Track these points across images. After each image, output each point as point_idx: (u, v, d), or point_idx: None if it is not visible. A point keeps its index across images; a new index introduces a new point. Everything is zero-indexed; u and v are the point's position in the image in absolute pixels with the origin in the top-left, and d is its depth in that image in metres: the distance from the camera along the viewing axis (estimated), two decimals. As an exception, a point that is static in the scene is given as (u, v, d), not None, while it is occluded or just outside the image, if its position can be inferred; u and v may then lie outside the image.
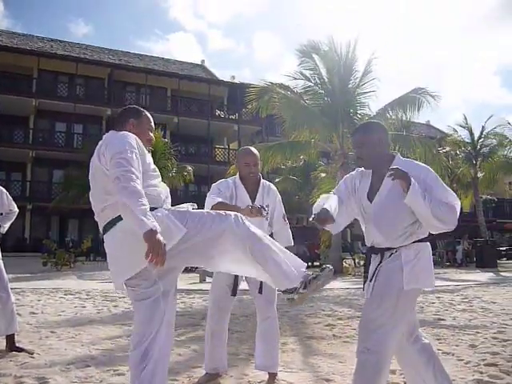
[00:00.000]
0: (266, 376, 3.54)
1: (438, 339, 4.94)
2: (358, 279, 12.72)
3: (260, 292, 3.49)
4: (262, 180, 3.67)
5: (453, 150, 25.57)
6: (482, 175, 24.99)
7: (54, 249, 18.86)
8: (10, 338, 4.38)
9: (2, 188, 4.63)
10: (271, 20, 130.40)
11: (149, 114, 2.77)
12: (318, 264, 19.16)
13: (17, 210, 4.72)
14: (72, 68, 30.23)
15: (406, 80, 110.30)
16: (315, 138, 16.61)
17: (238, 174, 3.65)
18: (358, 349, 2.43)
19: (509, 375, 3.61)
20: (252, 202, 3.50)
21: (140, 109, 2.77)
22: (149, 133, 2.72)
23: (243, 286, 3.62)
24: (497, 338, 4.96)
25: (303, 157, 19.28)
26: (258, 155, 3.66)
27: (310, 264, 17.72)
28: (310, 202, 17.79)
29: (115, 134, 2.52)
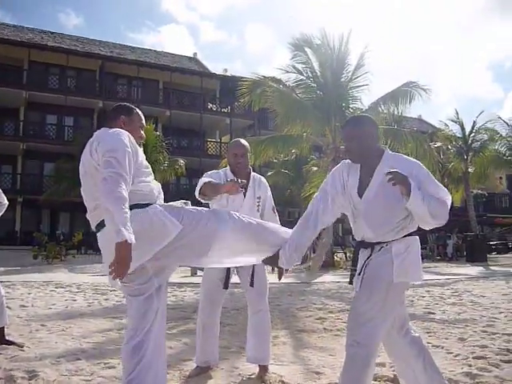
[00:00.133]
0: (257, 369, 3.54)
1: (427, 332, 4.98)
2: (348, 273, 12.74)
3: (252, 285, 3.50)
4: (252, 173, 3.67)
5: (444, 144, 25.66)
6: (472, 170, 25.08)
7: (45, 242, 18.83)
8: (-1, 331, 4.36)
9: None
10: (263, 12, 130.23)
11: (140, 112, 2.76)
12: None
13: (7, 203, 4.67)
14: (63, 60, 29.98)
15: (398, 74, 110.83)
16: (307, 132, 16.57)
17: (228, 167, 3.65)
18: (347, 342, 2.43)
19: (497, 368, 3.64)
20: (244, 194, 3.49)
21: (131, 106, 2.76)
22: (140, 130, 2.71)
23: (234, 279, 3.62)
24: (486, 332, 5.01)
25: (295, 151, 19.27)
26: (248, 147, 3.65)
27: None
28: (302, 195, 17.83)
29: (107, 131, 2.50)
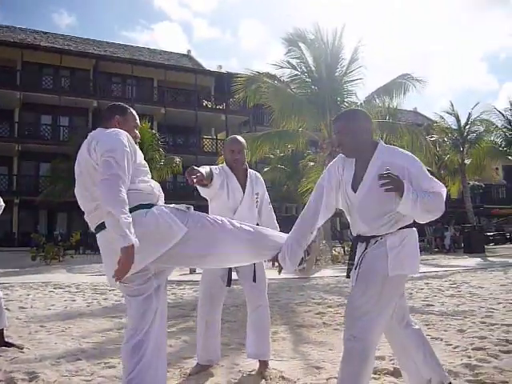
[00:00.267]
0: (257, 365, 3.55)
1: (426, 325, 5.00)
2: (347, 267, 12.78)
3: (254, 280, 3.49)
4: (248, 169, 3.68)
5: (440, 136, 25.69)
6: (469, 161, 25.07)
7: (43, 243, 18.78)
8: (-1, 333, 4.36)
9: None
10: (256, 7, 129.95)
11: (134, 111, 2.77)
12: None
13: (3, 205, 4.67)
14: (56, 60, 29.83)
15: (392, 68, 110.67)
16: (303, 127, 16.58)
17: (224, 163, 3.65)
18: (344, 336, 2.43)
19: (496, 358, 3.66)
20: (243, 191, 3.53)
21: (125, 106, 2.77)
22: (134, 130, 2.72)
23: (233, 275, 3.62)
24: (484, 323, 5.03)
25: (291, 146, 19.25)
26: (244, 144, 3.66)
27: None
28: (299, 191, 17.82)
29: (105, 131, 2.50)
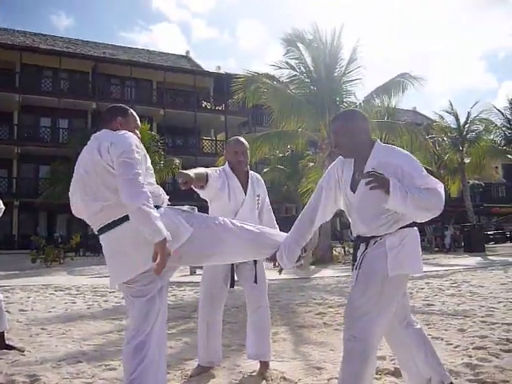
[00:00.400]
0: (258, 366, 3.54)
1: (427, 324, 4.99)
2: (347, 267, 12.76)
3: (255, 282, 3.49)
4: (249, 171, 3.69)
5: (439, 136, 25.71)
6: (468, 160, 25.10)
7: (43, 245, 18.77)
8: (-1, 336, 4.35)
9: None
10: (254, 7, 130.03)
11: (134, 113, 2.78)
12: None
13: (3, 207, 4.66)
14: (55, 62, 29.84)
15: (391, 67, 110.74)
16: (302, 128, 16.59)
17: (226, 165, 3.65)
18: (344, 337, 2.41)
19: (497, 358, 3.65)
20: (244, 192, 3.54)
21: (126, 107, 2.78)
22: (135, 131, 2.72)
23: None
24: (485, 322, 5.03)
25: (291, 146, 19.27)
26: (247, 145, 3.69)
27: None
28: (299, 191, 17.83)
29: (115, 133, 2.49)
